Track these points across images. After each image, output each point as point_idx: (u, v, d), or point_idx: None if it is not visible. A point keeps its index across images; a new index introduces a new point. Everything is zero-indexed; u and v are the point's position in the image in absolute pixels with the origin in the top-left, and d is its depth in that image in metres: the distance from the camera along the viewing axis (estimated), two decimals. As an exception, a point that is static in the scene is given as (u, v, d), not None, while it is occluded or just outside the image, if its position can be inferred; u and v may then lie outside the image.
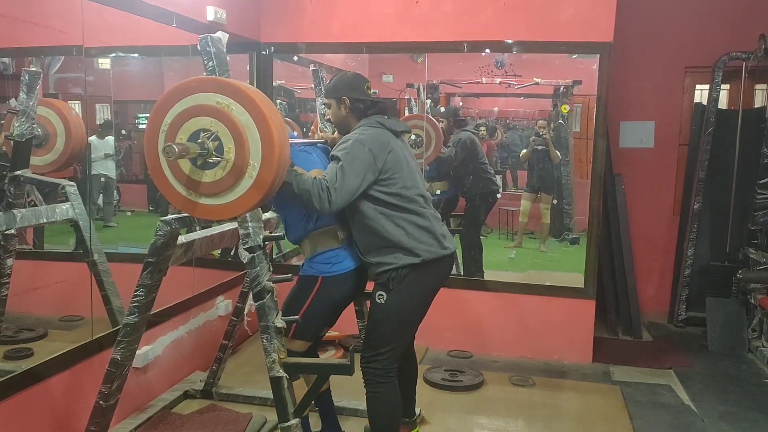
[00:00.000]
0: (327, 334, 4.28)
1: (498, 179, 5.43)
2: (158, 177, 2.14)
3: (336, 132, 2.97)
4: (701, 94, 5.47)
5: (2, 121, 2.87)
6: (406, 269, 2.59)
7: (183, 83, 2.12)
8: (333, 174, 2.46)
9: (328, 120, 2.96)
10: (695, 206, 5.20)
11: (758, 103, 5.40)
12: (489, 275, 4.84)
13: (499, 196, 5.29)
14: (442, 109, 5.47)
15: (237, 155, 2.03)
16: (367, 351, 2.69)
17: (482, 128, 5.58)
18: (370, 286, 2.81)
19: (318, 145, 3.00)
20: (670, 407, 3.76)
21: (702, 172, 5.18)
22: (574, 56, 4.62)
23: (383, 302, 2.63)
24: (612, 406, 3.75)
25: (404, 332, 2.75)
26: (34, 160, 2.95)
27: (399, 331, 2.70)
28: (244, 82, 2.18)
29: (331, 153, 2.61)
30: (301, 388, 2.66)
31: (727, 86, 5.42)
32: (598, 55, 4.16)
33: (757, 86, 5.40)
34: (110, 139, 3.81)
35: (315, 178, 2.42)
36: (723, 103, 5.42)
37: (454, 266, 3.19)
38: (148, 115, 4.23)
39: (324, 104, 2.90)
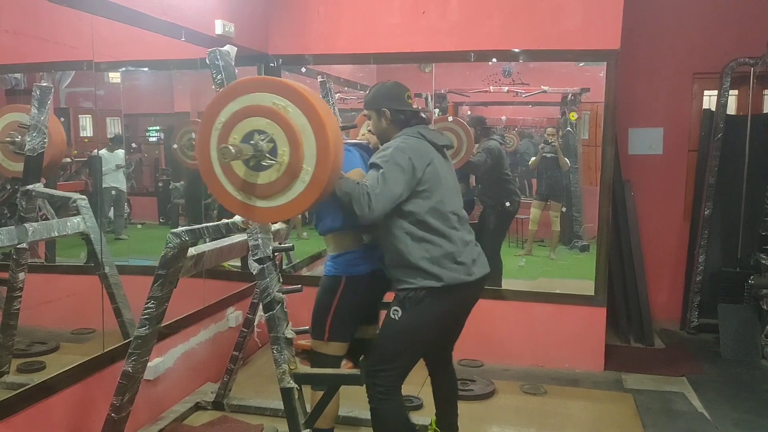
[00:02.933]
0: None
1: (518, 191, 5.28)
2: (212, 181, 2.14)
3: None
4: (710, 100, 5.45)
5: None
6: (424, 291, 2.53)
7: (239, 82, 2.11)
8: (374, 180, 2.41)
9: (369, 130, 2.91)
10: (706, 212, 5.17)
11: (767, 108, 5.37)
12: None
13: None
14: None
15: (291, 158, 2.02)
16: (372, 365, 2.62)
17: (509, 136, 5.50)
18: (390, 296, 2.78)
19: (360, 144, 2.99)
20: (683, 415, 3.73)
21: (712, 178, 5.15)
22: (581, 64, 4.62)
23: (396, 318, 2.58)
24: (624, 414, 3.72)
25: (413, 352, 2.68)
26: (14, 166, 2.94)
27: (407, 350, 2.64)
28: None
29: (371, 161, 2.55)
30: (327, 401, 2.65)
31: (736, 92, 5.40)
32: (605, 63, 4.17)
33: (766, 91, 5.38)
34: (120, 152, 3.85)
35: (357, 182, 2.39)
36: (731, 108, 5.39)
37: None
38: (157, 128, 4.28)
39: (365, 115, 2.82)
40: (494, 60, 4.50)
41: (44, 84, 2.92)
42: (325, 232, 2.83)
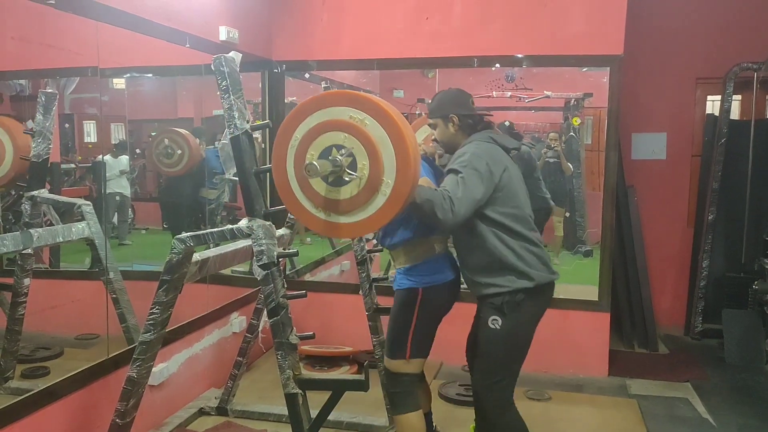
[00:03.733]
0: (340, 350, 4.30)
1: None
2: (292, 203, 2.14)
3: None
4: (713, 105, 5.46)
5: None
6: (521, 293, 2.50)
7: (314, 98, 2.10)
8: (454, 184, 2.38)
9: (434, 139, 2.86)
10: (709, 217, 5.17)
11: (771, 113, 5.38)
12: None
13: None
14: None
15: (371, 171, 2.00)
16: (485, 379, 2.58)
17: (552, 142, 5.41)
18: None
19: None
20: (688, 421, 3.71)
21: (715, 183, 5.15)
22: (585, 69, 4.62)
23: (498, 327, 2.52)
24: (629, 420, 3.71)
25: (521, 357, 2.64)
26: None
27: (517, 357, 2.61)
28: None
29: (448, 167, 2.52)
30: (408, 425, 2.67)
31: (739, 97, 5.40)
32: (609, 68, 4.17)
33: (769, 96, 5.38)
34: (124, 158, 3.86)
35: (436, 189, 2.37)
36: (735, 113, 5.40)
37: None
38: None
39: (430, 125, 2.77)
40: (497, 65, 4.51)
41: (49, 90, 2.94)
42: (396, 245, 2.76)
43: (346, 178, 2.03)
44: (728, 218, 5.22)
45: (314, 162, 1.96)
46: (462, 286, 2.80)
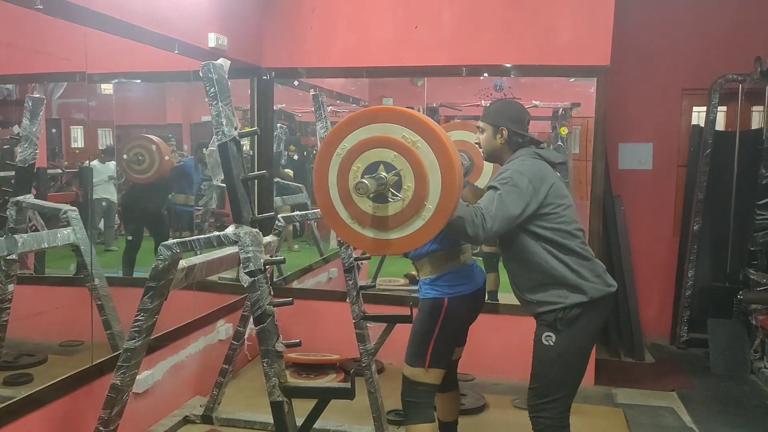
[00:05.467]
0: (327, 358, 4.29)
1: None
2: (337, 225, 2.14)
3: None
4: (698, 116, 5.51)
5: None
6: (575, 308, 2.43)
7: (371, 110, 2.10)
8: (490, 201, 2.34)
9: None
10: (695, 227, 5.21)
11: (755, 124, 5.43)
12: (490, 296, 4.84)
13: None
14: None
15: (415, 194, 2.00)
16: (537, 399, 2.50)
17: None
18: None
19: None
20: (673, 430, 3.73)
21: (701, 194, 5.19)
22: (572, 79, 4.66)
23: (552, 344, 2.45)
24: (615, 428, 3.72)
25: (576, 376, 2.56)
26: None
27: (571, 375, 2.53)
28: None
29: (488, 183, 2.48)
30: None
31: (724, 108, 5.46)
32: (596, 79, 4.20)
33: (754, 108, 5.44)
34: (111, 163, 3.84)
35: (468, 205, 2.33)
36: (720, 124, 5.45)
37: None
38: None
39: (478, 126, 2.71)
40: (486, 75, 4.54)
41: (36, 95, 2.92)
42: (421, 255, 2.75)
43: (390, 198, 2.03)
44: (713, 228, 5.27)
45: (365, 180, 1.96)
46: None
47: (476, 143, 2.71)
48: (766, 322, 4.43)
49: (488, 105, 2.76)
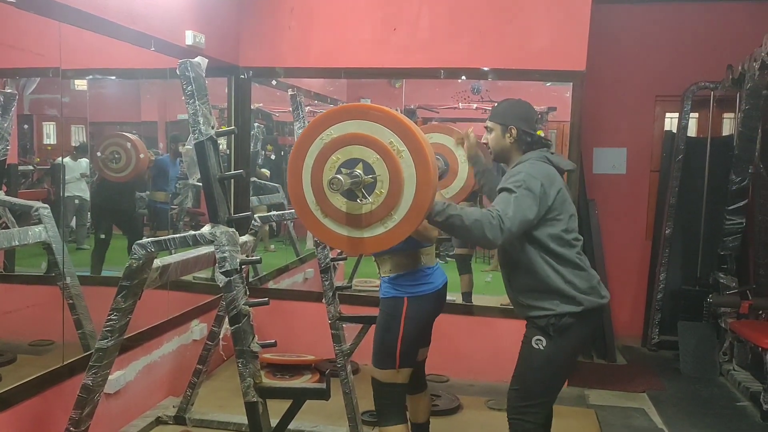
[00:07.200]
0: (302, 359, 4.28)
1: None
2: (312, 223, 2.14)
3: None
4: (671, 122, 5.60)
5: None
6: (567, 317, 2.41)
7: (368, 105, 2.07)
8: (506, 203, 2.30)
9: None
10: (666, 231, 5.29)
11: (726, 131, 5.54)
12: (464, 298, 4.87)
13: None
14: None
15: (384, 201, 2.00)
16: (519, 401, 2.48)
17: None
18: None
19: None
20: (644, 430, 3.78)
21: (673, 198, 5.28)
22: (549, 84, 4.70)
23: (541, 348, 2.44)
24: (587, 429, 3.76)
25: (559, 384, 2.57)
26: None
27: (554, 382, 2.54)
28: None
29: (500, 186, 2.43)
30: None
31: (696, 115, 5.56)
32: (572, 84, 4.26)
33: (725, 115, 5.55)
34: (84, 161, 3.79)
35: (482, 208, 2.31)
36: (692, 131, 5.55)
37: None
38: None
39: (486, 126, 2.66)
40: (464, 77, 4.56)
41: (8, 90, 2.87)
42: (384, 252, 2.71)
43: (359, 200, 2.02)
44: (685, 232, 5.36)
45: (339, 177, 1.96)
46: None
47: (484, 143, 2.69)
48: (735, 325, 4.51)
49: (496, 104, 2.74)
